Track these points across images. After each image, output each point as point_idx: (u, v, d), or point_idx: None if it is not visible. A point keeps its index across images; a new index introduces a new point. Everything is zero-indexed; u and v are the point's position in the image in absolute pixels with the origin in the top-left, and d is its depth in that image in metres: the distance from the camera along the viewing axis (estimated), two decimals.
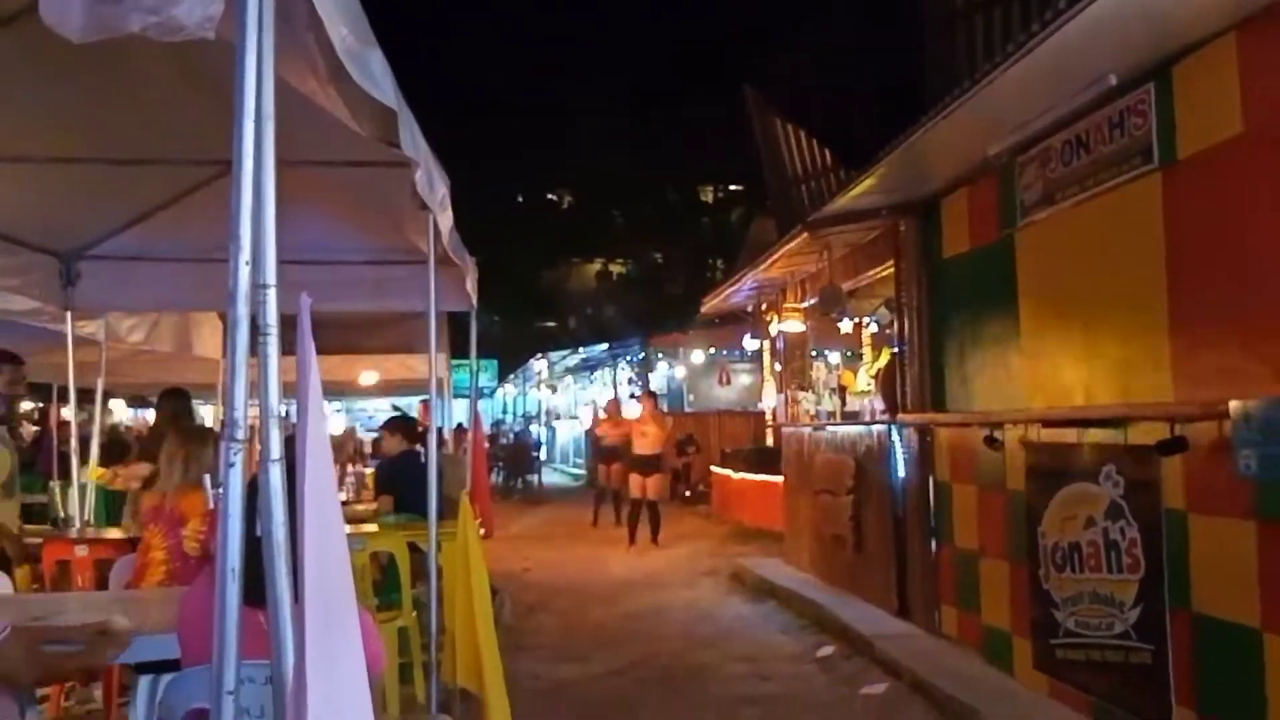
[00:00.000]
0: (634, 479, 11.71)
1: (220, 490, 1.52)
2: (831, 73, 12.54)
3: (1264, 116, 3.46)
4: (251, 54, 1.55)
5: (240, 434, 1.50)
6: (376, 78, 2.33)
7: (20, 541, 4.45)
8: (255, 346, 1.56)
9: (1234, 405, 3.26)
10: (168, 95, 3.77)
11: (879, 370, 8.88)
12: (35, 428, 14.44)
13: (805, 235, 7.27)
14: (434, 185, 3.60)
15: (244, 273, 1.51)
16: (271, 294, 1.53)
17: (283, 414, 1.68)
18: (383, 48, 2.34)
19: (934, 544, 6.25)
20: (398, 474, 6.09)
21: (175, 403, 6.23)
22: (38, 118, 3.85)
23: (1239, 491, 3.46)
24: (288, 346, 1.58)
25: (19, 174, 4.26)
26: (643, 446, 11.82)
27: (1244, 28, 3.54)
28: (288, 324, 1.60)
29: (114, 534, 5.34)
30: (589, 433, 14.78)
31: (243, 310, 1.49)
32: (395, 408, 13.04)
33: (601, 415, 15.58)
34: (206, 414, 15.70)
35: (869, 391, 9.34)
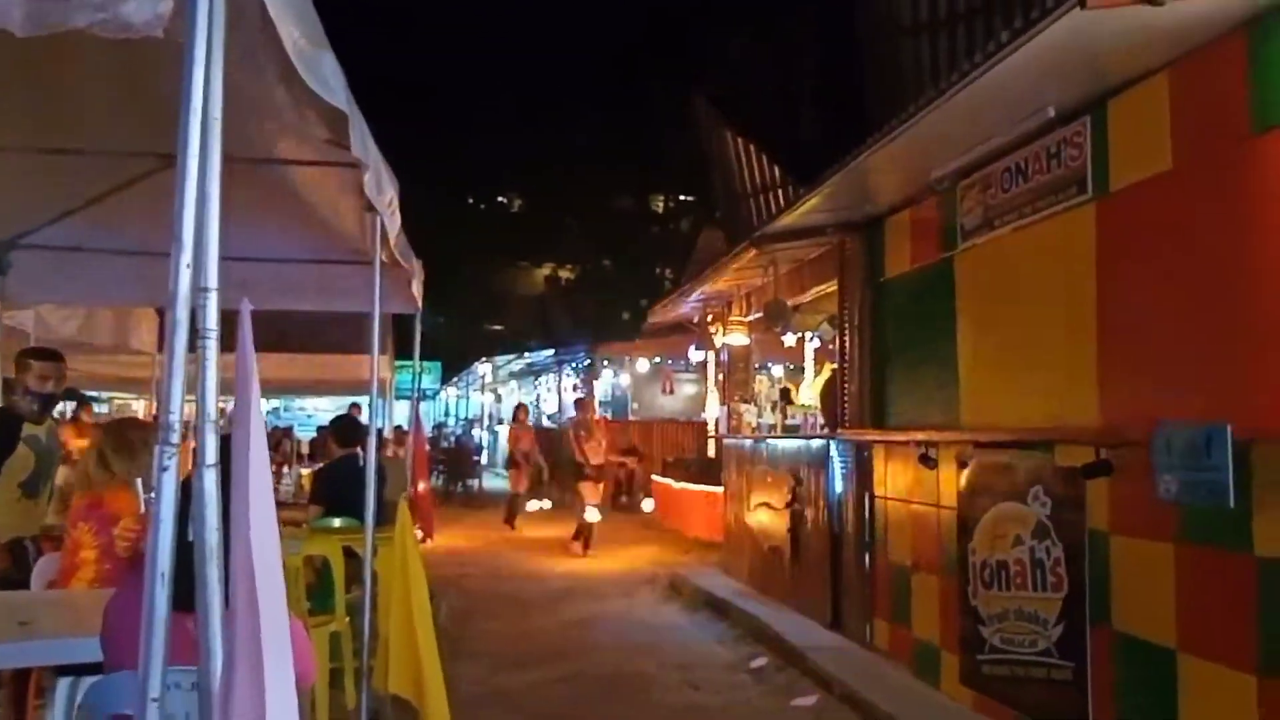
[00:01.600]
0: (590, 488, 11.61)
1: (152, 494, 1.50)
2: (779, 82, 12.72)
3: (1192, 154, 3.60)
4: (200, 54, 1.54)
5: (175, 438, 1.49)
6: (328, 80, 2.32)
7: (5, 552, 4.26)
8: (194, 346, 1.54)
9: (1155, 431, 3.39)
10: (106, 86, 3.68)
11: (822, 385, 9.00)
12: None
13: (752, 251, 7.35)
14: (382, 188, 3.58)
15: (185, 275, 1.50)
16: (213, 297, 1.52)
17: (219, 412, 1.66)
18: (334, 43, 2.33)
19: (869, 558, 6.35)
20: (338, 478, 6.00)
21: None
22: None
23: (1160, 515, 3.59)
24: (226, 344, 1.57)
25: None
26: (597, 455, 11.80)
27: (1175, 67, 3.68)
28: (227, 321, 1.59)
29: None
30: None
31: (182, 314, 1.48)
32: (355, 405, 12.84)
33: (511, 423, 15.99)
34: (139, 409, 15.34)
35: (810, 407, 9.47)
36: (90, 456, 4.06)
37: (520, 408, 15.83)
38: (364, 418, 13.16)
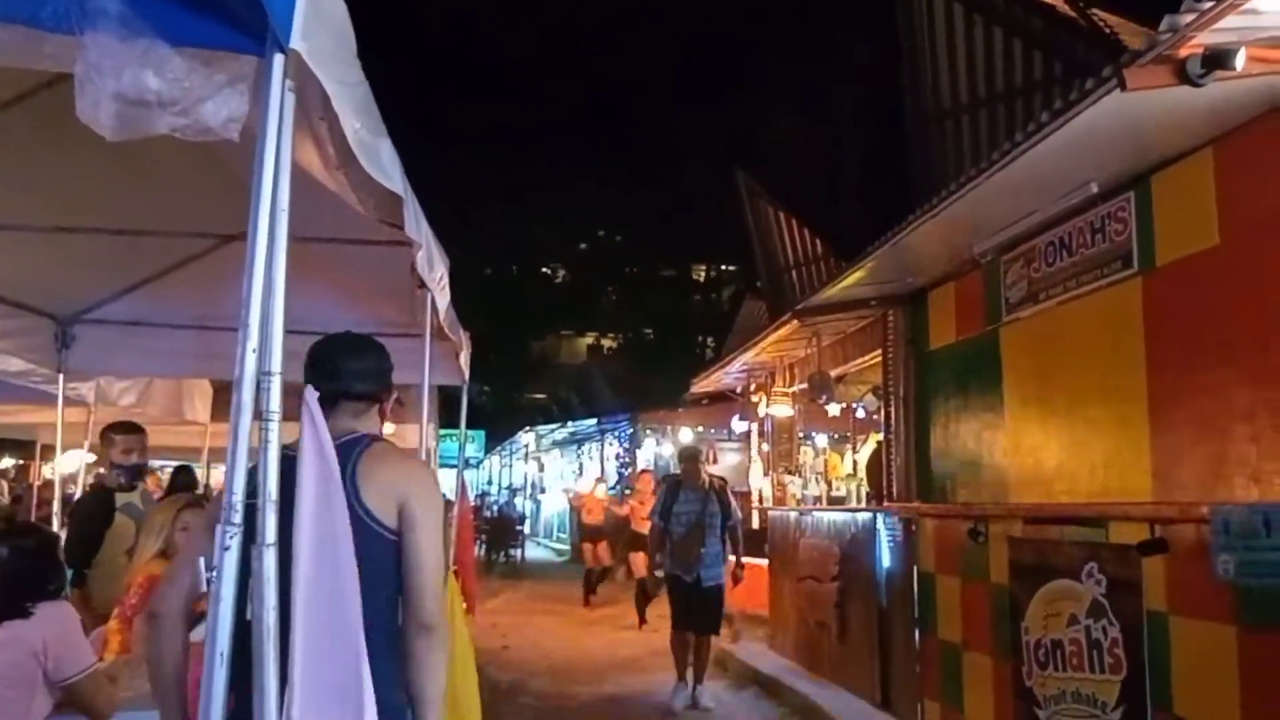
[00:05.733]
0: (642, 558, 10.84)
1: (213, 573, 1.54)
2: (820, 158, 12.89)
3: (1239, 230, 3.58)
4: (271, 150, 1.62)
5: (237, 517, 1.53)
6: (385, 167, 2.40)
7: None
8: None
9: (1211, 510, 3.31)
10: (169, 169, 3.86)
11: (868, 457, 8.92)
12: (15, 484, 14.31)
13: (795, 322, 7.38)
14: (433, 265, 3.67)
15: (250, 360, 1.55)
16: (275, 381, 1.57)
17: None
18: (391, 116, 2.42)
19: (918, 635, 6.21)
20: None
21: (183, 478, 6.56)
22: (43, 189, 3.92)
23: (1219, 595, 3.49)
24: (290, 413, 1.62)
25: (21, 240, 4.32)
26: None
27: (1220, 144, 3.69)
28: (287, 391, 1.64)
29: None
30: (573, 509, 14.77)
31: (247, 397, 1.53)
32: None
33: (582, 492, 15.43)
34: None
35: (854, 477, 9.37)
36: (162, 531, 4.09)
37: (598, 479, 15.30)
38: None
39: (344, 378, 2.36)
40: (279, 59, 1.59)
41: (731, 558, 7.60)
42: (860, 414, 10.65)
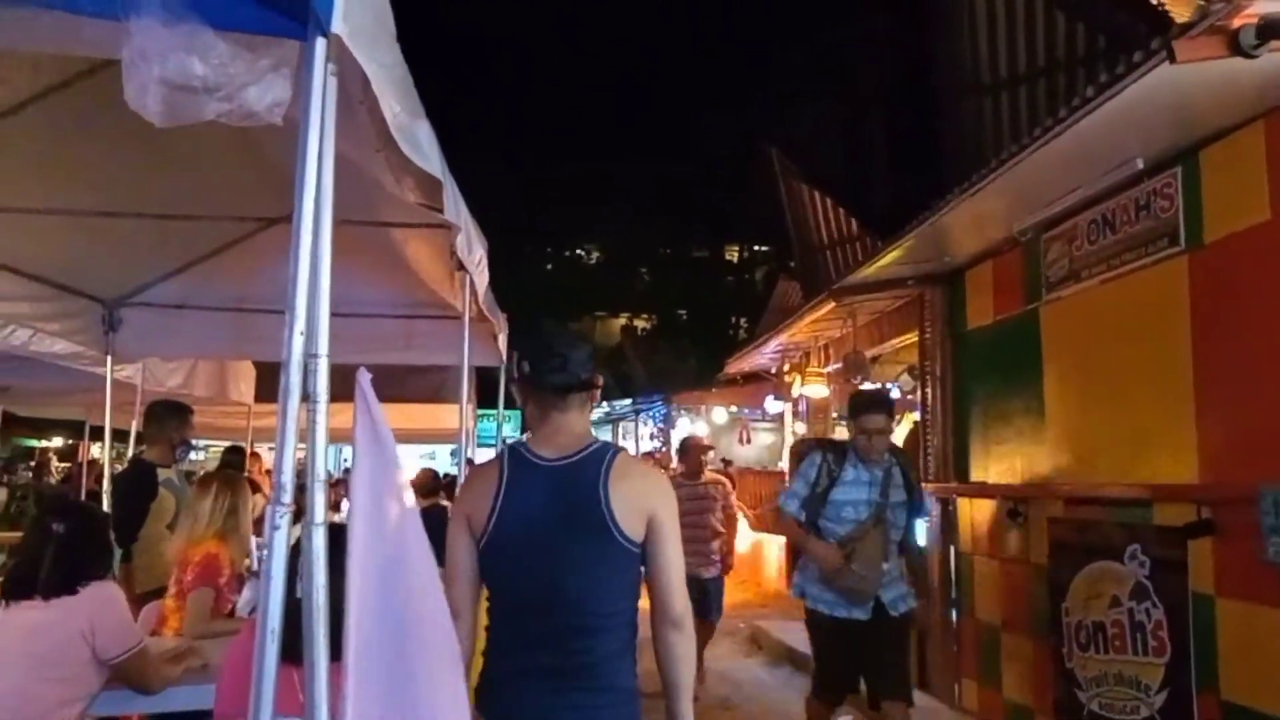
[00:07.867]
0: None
1: (264, 551, 1.56)
2: (851, 137, 12.71)
3: None
4: (314, 134, 1.63)
5: (287, 497, 1.55)
6: (424, 149, 2.41)
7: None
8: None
9: (1261, 490, 3.26)
10: (213, 154, 3.90)
11: (903, 437, 8.84)
12: (65, 464, 14.64)
13: (831, 302, 7.33)
14: (472, 248, 3.69)
15: (298, 342, 1.57)
16: (323, 363, 1.58)
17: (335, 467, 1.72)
18: (426, 101, 2.42)
19: (955, 616, 6.18)
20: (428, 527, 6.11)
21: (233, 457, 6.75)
22: (88, 175, 3.99)
23: (1268, 577, 3.43)
24: (335, 394, 1.64)
25: (67, 226, 4.39)
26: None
27: (1272, 116, 3.60)
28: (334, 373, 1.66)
29: None
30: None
31: (295, 379, 1.54)
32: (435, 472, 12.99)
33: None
34: None
35: None
36: (220, 509, 4.17)
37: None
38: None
39: (573, 367, 2.38)
40: (321, 43, 1.59)
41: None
42: (896, 394, 10.56)
